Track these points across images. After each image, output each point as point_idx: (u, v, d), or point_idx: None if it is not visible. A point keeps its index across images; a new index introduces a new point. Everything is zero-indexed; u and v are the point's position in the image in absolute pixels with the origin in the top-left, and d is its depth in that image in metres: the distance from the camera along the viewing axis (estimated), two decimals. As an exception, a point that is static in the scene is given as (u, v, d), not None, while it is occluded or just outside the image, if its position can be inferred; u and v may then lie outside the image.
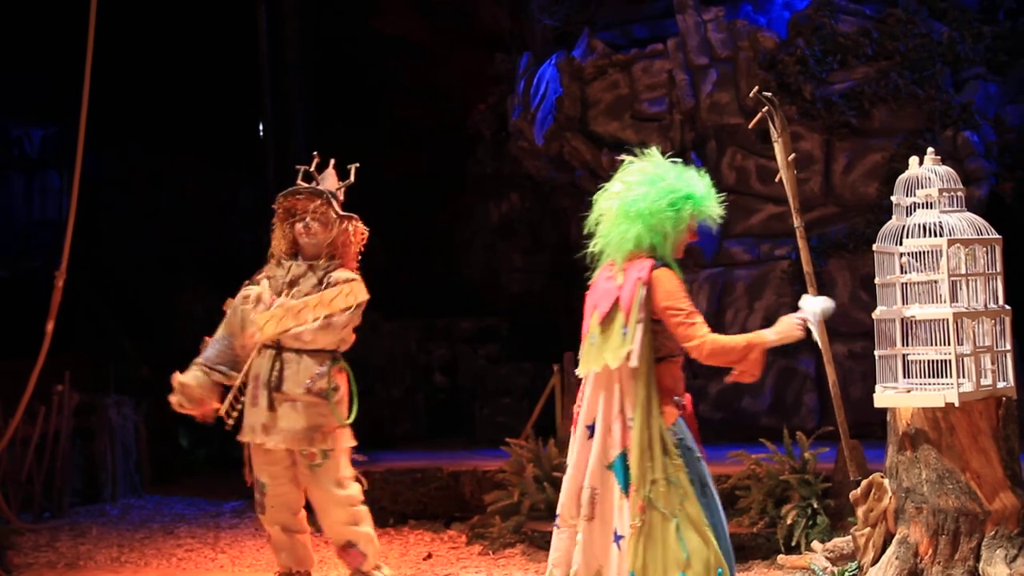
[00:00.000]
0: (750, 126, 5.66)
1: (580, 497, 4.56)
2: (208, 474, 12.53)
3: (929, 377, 4.87)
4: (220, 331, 5.97)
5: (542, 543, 7.74)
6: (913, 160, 5.09)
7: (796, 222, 5.03)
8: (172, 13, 14.24)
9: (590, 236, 4.75)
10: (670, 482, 4.41)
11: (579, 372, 4.67)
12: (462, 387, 12.48)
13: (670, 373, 4.55)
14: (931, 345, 4.85)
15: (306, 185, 5.86)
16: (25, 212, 16.28)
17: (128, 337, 13.66)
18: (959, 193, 5.01)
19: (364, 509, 5.86)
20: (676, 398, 4.54)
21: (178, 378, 5.86)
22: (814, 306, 4.49)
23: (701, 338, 4.42)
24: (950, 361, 4.75)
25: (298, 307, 5.61)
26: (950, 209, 4.95)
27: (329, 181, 5.93)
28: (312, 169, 5.93)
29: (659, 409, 4.47)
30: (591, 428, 4.57)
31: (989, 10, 10.49)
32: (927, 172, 5.02)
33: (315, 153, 5.95)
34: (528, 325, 12.71)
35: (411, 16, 13.59)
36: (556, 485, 8.08)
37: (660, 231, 4.55)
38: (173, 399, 5.90)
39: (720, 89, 10.47)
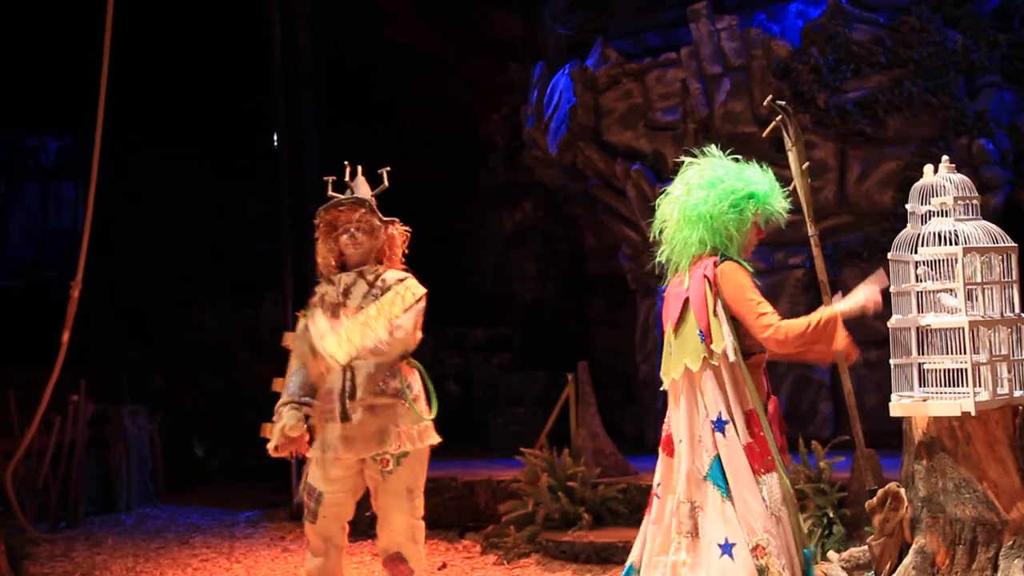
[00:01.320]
0: (764, 135, 5.64)
1: (679, 511, 4.52)
2: (223, 483, 12.56)
3: (945, 386, 4.85)
4: (293, 363, 5.80)
5: (556, 552, 7.74)
6: (928, 168, 5.07)
7: (810, 231, 5.01)
8: (186, 25, 14.30)
9: (655, 243, 4.76)
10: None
11: (665, 386, 4.70)
12: (475, 396, 12.48)
13: (753, 373, 4.56)
14: (947, 354, 4.82)
15: (347, 196, 5.82)
16: (40, 222, 16.36)
17: (142, 347, 13.70)
18: (974, 201, 4.98)
19: (423, 525, 5.72)
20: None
21: (285, 430, 5.62)
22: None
23: (774, 326, 4.43)
24: (966, 370, 4.73)
25: (361, 322, 5.52)
26: (965, 217, 4.92)
27: (363, 189, 5.90)
28: (346, 179, 5.89)
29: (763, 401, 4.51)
30: (681, 440, 4.57)
31: (1004, 18, 10.46)
32: (942, 180, 5.00)
33: (346, 162, 5.92)
34: (541, 334, 12.71)
35: (423, 25, 13.61)
36: (570, 495, 8.11)
37: (724, 233, 4.57)
38: (276, 446, 5.65)
39: (734, 98, 10.46)
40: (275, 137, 10.97)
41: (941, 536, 4.81)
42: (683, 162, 4.90)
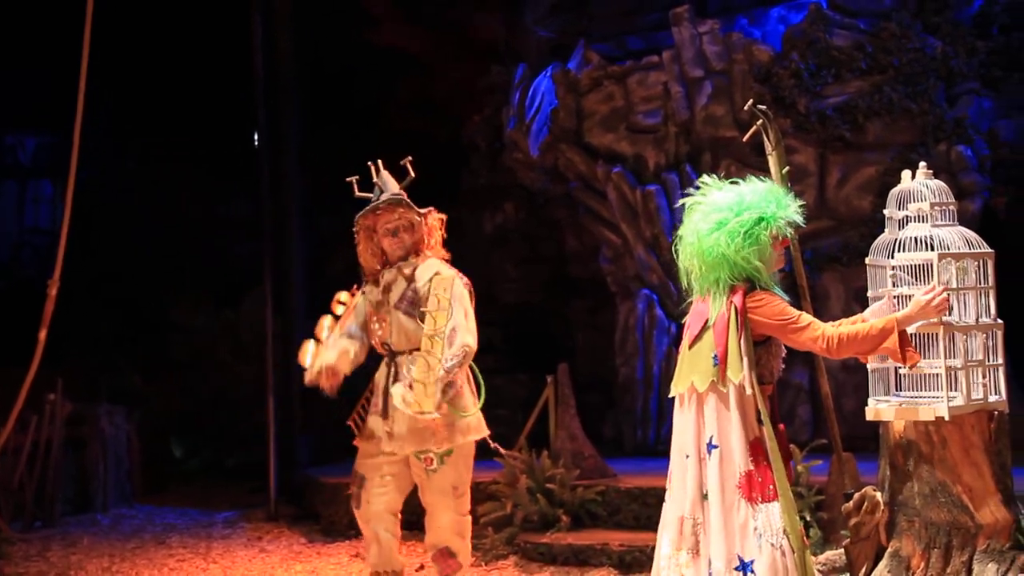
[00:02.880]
0: (744, 139, 5.66)
1: (682, 527, 4.55)
2: (200, 484, 12.52)
3: (921, 390, 4.87)
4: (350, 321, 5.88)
5: (535, 554, 7.74)
6: (906, 174, 5.10)
7: (789, 235, 5.03)
8: (168, 25, 14.25)
9: (678, 268, 4.75)
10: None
11: (671, 393, 4.71)
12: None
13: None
14: (923, 358, 4.84)
15: (383, 199, 5.84)
16: (17, 221, 16.28)
17: (121, 347, 13.64)
18: (951, 207, 5.01)
19: (469, 520, 5.84)
20: None
21: (327, 364, 5.69)
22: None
23: (821, 333, 4.44)
24: (941, 374, 4.76)
25: (424, 363, 5.59)
26: (942, 223, 4.95)
27: (390, 184, 5.94)
28: (375, 179, 5.92)
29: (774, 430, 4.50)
30: (688, 456, 4.58)
31: (983, 25, 10.53)
32: (919, 186, 5.03)
33: (370, 163, 5.95)
34: (523, 336, 12.70)
35: (406, 28, 13.60)
36: (549, 497, 8.11)
37: (749, 266, 4.53)
38: (316, 372, 5.72)
39: (715, 102, 10.49)
40: (256, 139, 10.94)
41: (916, 540, 4.83)
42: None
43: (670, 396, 4.74)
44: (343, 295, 6.00)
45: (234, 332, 13.36)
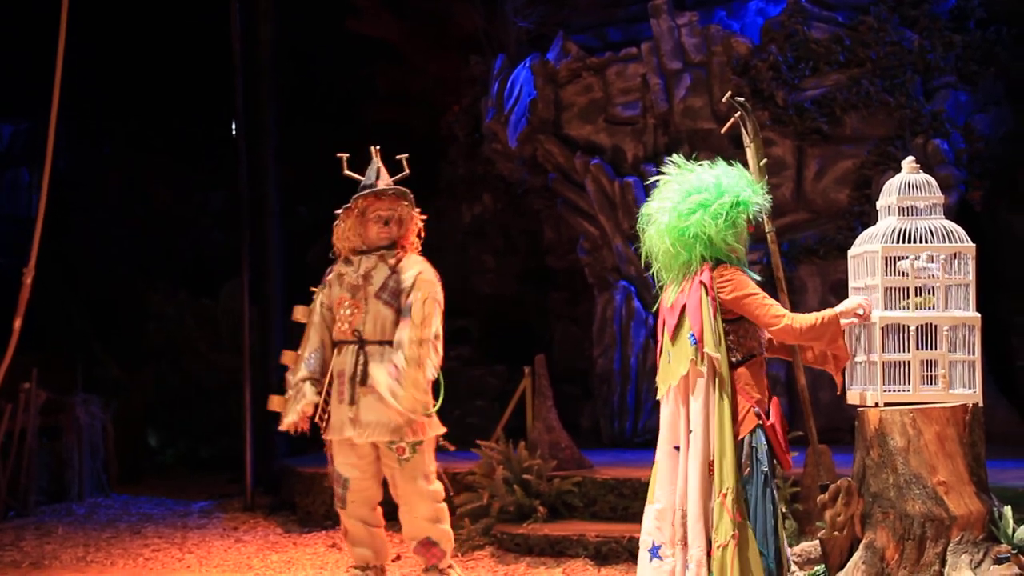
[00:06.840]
0: (722, 131, 5.67)
1: (674, 521, 4.57)
2: (176, 474, 12.49)
3: (899, 382, 4.90)
4: (313, 341, 5.91)
5: (511, 545, 7.75)
6: (906, 162, 5.13)
7: (767, 227, 5.04)
8: (146, 13, 14.17)
9: (647, 262, 4.79)
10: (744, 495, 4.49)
11: (659, 395, 4.71)
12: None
13: (753, 375, 4.58)
14: (901, 351, 4.88)
15: (391, 187, 5.91)
16: (-7, 208, 16.16)
17: (97, 336, 13.58)
18: (937, 200, 5.05)
19: (445, 506, 5.89)
20: (756, 410, 4.56)
21: (304, 407, 5.76)
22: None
23: (788, 317, 4.54)
24: (917, 366, 4.80)
25: (413, 370, 5.66)
26: (927, 216, 4.99)
27: (384, 173, 5.98)
28: (379, 165, 5.96)
29: (734, 416, 4.49)
30: (678, 448, 4.59)
31: (959, 19, 10.58)
32: (907, 178, 5.06)
33: (374, 148, 5.98)
34: (500, 327, 12.71)
35: (386, 18, 13.56)
36: (526, 488, 8.12)
37: (724, 248, 4.60)
38: (293, 421, 5.79)
39: (693, 94, 10.51)
40: (234, 128, 10.89)
41: (891, 531, 4.86)
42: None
43: (656, 398, 4.75)
44: (300, 311, 6.00)
45: (211, 322, 13.32)
